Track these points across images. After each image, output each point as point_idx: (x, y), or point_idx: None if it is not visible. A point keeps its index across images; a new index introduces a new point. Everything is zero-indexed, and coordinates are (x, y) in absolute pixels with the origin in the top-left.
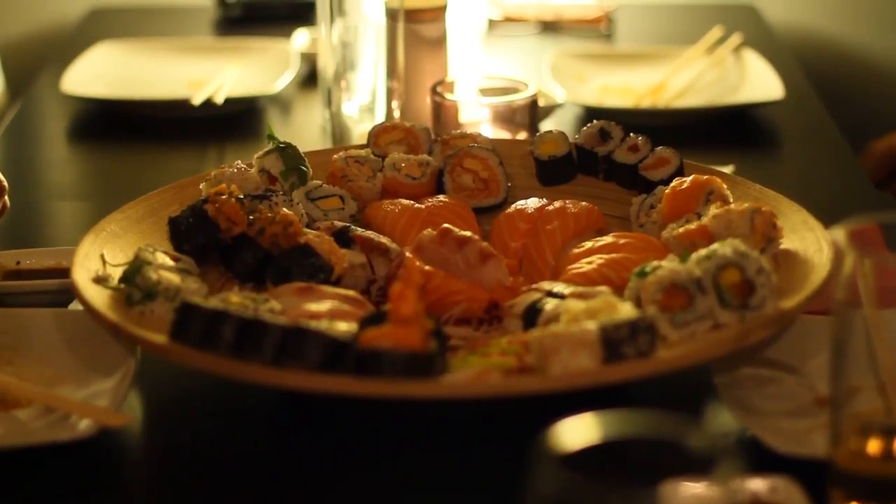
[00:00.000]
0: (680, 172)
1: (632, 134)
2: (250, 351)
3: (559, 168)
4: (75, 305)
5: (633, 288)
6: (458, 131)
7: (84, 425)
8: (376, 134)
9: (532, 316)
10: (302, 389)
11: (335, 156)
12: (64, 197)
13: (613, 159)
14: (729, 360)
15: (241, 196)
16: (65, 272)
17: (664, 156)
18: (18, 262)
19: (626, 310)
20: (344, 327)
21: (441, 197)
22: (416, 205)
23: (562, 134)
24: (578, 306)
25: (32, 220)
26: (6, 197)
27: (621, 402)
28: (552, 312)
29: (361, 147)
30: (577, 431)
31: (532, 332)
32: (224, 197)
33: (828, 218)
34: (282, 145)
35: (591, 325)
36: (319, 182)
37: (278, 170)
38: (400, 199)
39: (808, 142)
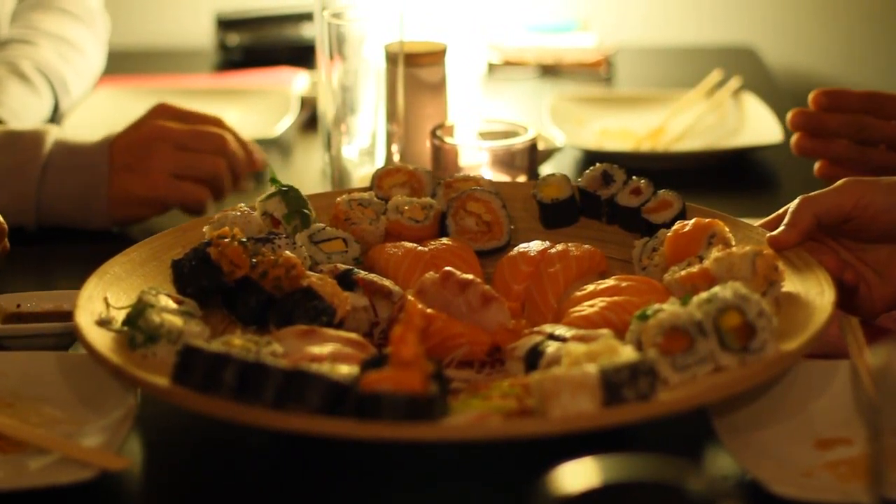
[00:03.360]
0: (682, 215)
1: (634, 177)
2: (252, 394)
3: (562, 211)
4: (76, 348)
5: (635, 331)
6: (462, 174)
7: (84, 468)
8: (380, 177)
9: (534, 359)
10: (303, 432)
11: (339, 199)
12: (65, 240)
13: (616, 202)
14: (729, 403)
15: (244, 239)
16: (65, 315)
17: (667, 199)
18: (19, 306)
19: (627, 353)
20: (345, 370)
21: (444, 240)
22: (419, 248)
23: (564, 177)
24: (579, 349)
25: (33, 263)
26: (6, 239)
27: (622, 445)
28: (554, 355)
29: (365, 190)
30: (577, 475)
31: (533, 374)
32: (227, 240)
33: None
34: (284, 188)
35: (592, 369)
36: (323, 225)
37: (281, 213)
38: (403, 242)
39: (807, 185)
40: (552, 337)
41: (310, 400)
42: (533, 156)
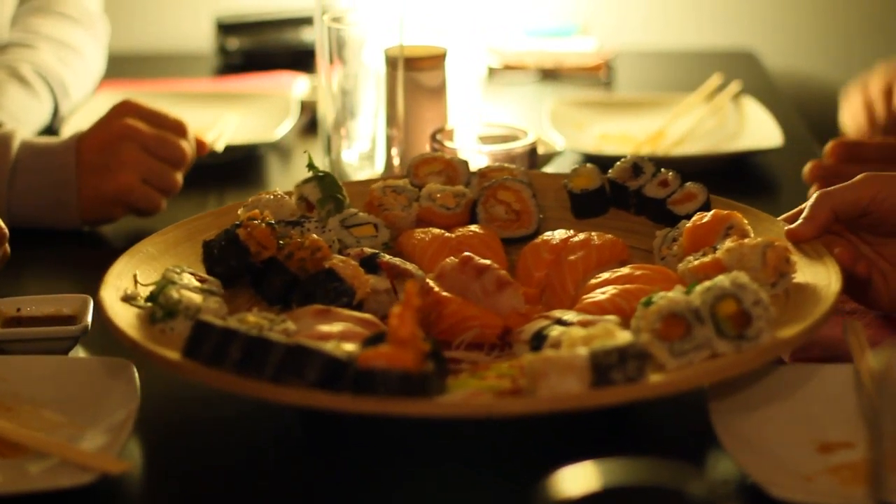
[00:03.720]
0: (706, 207)
1: (663, 169)
2: (254, 368)
3: (591, 201)
4: (76, 352)
5: (639, 317)
6: (497, 164)
7: (85, 472)
8: (416, 165)
9: (538, 342)
10: (300, 405)
11: (374, 185)
12: (65, 244)
13: (644, 194)
14: (731, 407)
15: (273, 221)
16: (65, 319)
17: (692, 191)
18: (19, 309)
19: (623, 337)
20: (350, 348)
21: (472, 227)
22: (446, 234)
23: (595, 168)
24: (579, 333)
25: (32, 268)
26: (6, 245)
27: (624, 446)
28: (556, 339)
29: (400, 177)
30: (577, 479)
31: (526, 356)
32: (256, 222)
33: None
34: (320, 174)
35: (582, 351)
36: (355, 210)
37: (316, 197)
38: (431, 229)
39: (806, 189)
40: (560, 322)
41: (308, 374)
42: (533, 160)
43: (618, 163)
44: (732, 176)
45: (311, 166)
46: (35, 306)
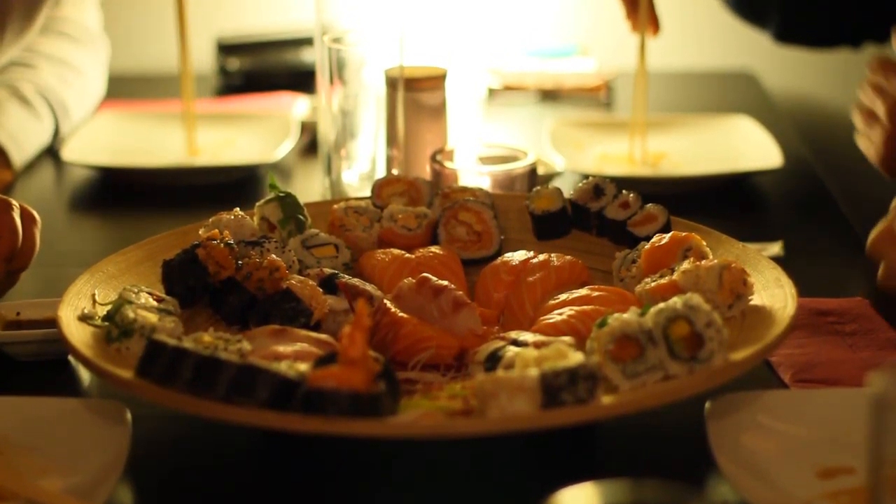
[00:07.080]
0: (666, 229)
1: (624, 191)
2: (205, 387)
3: (553, 223)
4: (76, 366)
5: (593, 338)
6: (460, 185)
7: None
8: (380, 186)
9: (493, 363)
10: (250, 425)
11: (335, 205)
12: (64, 265)
13: (605, 215)
14: (730, 429)
15: (232, 241)
16: None
17: (652, 213)
18: (19, 313)
19: (575, 358)
20: (303, 368)
21: (433, 248)
22: (406, 255)
23: (557, 190)
24: (531, 354)
25: (33, 288)
26: (37, 230)
27: (623, 467)
28: (510, 360)
29: (363, 199)
30: (577, 500)
31: (478, 376)
32: (215, 242)
33: (824, 286)
34: (281, 195)
35: (533, 372)
36: (316, 231)
37: (277, 218)
38: (391, 249)
39: (806, 210)
40: (515, 343)
41: (259, 394)
42: (533, 180)
43: (580, 184)
44: (731, 196)
45: (273, 186)
46: (35, 310)
